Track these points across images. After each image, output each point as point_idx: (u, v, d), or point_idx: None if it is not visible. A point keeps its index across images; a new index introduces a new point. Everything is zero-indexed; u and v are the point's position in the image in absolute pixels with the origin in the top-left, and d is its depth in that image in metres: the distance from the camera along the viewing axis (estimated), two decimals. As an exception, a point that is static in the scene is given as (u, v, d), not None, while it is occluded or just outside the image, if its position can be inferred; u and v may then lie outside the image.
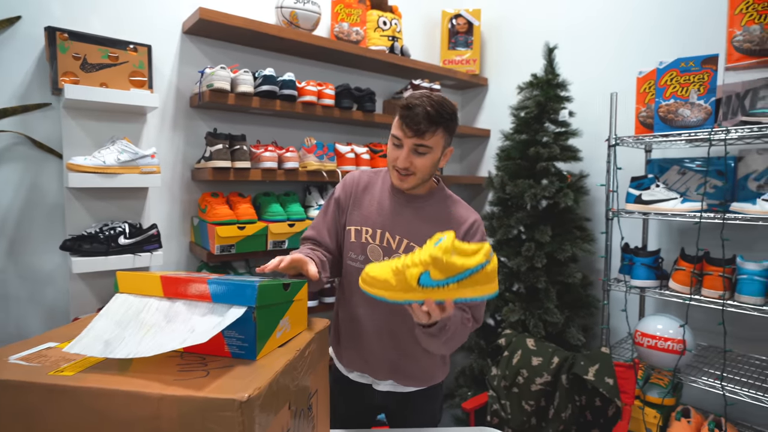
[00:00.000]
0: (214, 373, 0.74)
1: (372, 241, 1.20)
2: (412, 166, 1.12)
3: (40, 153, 1.64)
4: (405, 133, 1.10)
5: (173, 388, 0.67)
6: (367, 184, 1.28)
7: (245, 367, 0.76)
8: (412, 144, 1.10)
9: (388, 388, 1.27)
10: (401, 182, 1.16)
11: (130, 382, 0.69)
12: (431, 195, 1.22)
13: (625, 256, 1.89)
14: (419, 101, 1.08)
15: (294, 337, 0.92)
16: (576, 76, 2.27)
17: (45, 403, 0.68)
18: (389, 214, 1.21)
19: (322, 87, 2.05)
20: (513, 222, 2.16)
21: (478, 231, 1.19)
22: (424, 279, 0.87)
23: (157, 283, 0.85)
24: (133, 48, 1.66)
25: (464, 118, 3.06)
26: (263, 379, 0.71)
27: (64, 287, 1.70)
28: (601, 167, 2.13)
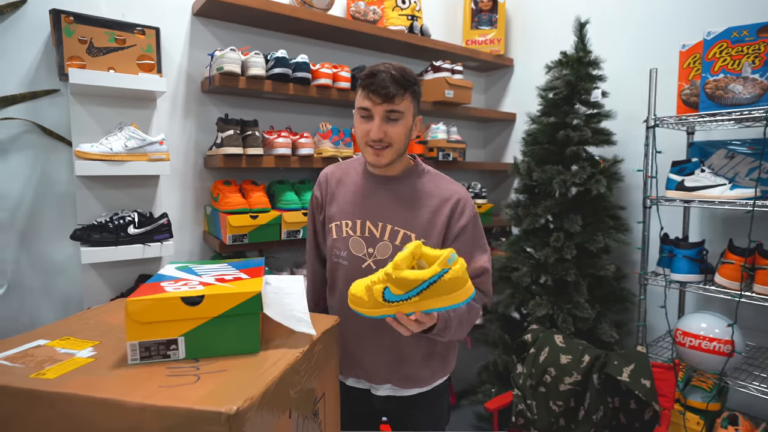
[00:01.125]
0: (206, 379, 0.67)
1: (353, 234, 1.15)
2: (387, 136, 1.07)
3: (50, 141, 1.61)
4: (374, 101, 1.05)
5: (157, 397, 0.60)
6: (340, 177, 1.22)
7: (241, 372, 0.69)
8: (383, 111, 1.05)
9: (388, 392, 1.19)
10: (378, 157, 1.09)
11: (112, 388, 0.62)
12: (408, 173, 1.16)
13: (664, 248, 1.76)
14: (382, 67, 1.05)
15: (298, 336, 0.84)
16: (609, 53, 2.11)
17: (21, 409, 0.62)
18: (365, 200, 1.16)
19: (338, 69, 1.96)
20: (540, 211, 2.05)
21: (466, 208, 1.12)
22: (387, 294, 0.90)
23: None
24: (141, 31, 1.61)
25: (488, 102, 2.92)
26: (257, 387, 0.63)
27: (77, 277, 1.68)
28: (636, 151, 2.00)
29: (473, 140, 2.88)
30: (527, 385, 1.77)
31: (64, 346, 0.78)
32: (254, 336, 0.77)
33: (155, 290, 0.74)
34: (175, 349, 0.72)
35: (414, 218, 1.12)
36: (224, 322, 0.74)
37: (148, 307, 0.70)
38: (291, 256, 2.09)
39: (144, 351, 0.71)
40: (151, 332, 0.71)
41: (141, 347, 0.71)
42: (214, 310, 0.74)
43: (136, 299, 0.70)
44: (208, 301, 0.73)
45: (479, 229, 1.15)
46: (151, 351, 0.71)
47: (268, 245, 1.84)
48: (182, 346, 0.73)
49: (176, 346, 0.72)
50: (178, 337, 0.72)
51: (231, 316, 0.74)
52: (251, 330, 0.76)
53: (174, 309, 0.72)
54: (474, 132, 2.90)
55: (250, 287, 0.78)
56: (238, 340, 0.75)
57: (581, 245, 1.96)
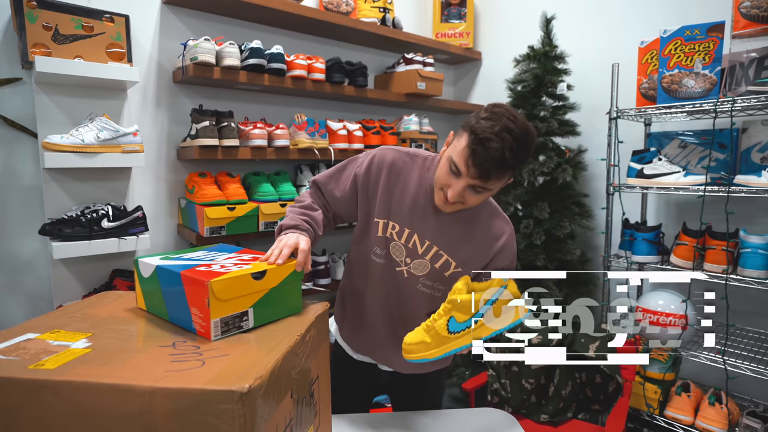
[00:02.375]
0: (211, 363, 0.68)
1: (397, 239, 1.10)
2: (464, 200, 1.00)
3: (12, 132, 1.53)
4: (468, 171, 0.94)
5: (166, 380, 0.62)
6: (400, 170, 1.11)
7: (244, 355, 0.71)
8: (472, 183, 0.96)
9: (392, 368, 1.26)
10: (444, 207, 1.03)
11: (117, 374, 0.63)
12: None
13: (625, 232, 1.87)
14: (498, 137, 0.91)
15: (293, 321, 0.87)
16: (574, 48, 2.21)
17: (25, 399, 0.62)
18: (422, 216, 1.09)
19: (312, 61, 1.96)
20: (511, 199, 2.12)
21: (511, 251, 1.12)
22: (452, 325, 0.93)
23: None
24: (109, 18, 1.55)
25: (457, 94, 2.99)
26: (264, 367, 0.66)
27: (45, 274, 1.62)
28: (599, 142, 2.09)
29: (444, 131, 2.93)
30: (501, 366, 1.86)
31: (56, 338, 0.77)
32: (299, 298, 0.91)
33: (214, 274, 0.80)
34: (247, 319, 0.81)
35: (461, 249, 1.08)
36: (279, 290, 0.87)
37: (228, 285, 0.78)
38: (268, 248, 2.09)
39: (224, 326, 0.78)
40: (230, 307, 0.79)
41: (222, 323, 0.78)
42: (273, 281, 0.86)
43: (218, 280, 0.77)
44: (270, 274, 0.85)
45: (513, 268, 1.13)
46: (229, 325, 0.79)
47: (245, 237, 1.83)
48: (252, 316, 0.82)
49: (247, 317, 0.81)
50: (249, 309, 0.81)
51: (284, 285, 0.88)
52: (297, 294, 0.91)
53: (246, 284, 0.81)
54: (444, 123, 2.95)
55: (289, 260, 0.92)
56: (288, 304, 0.89)
57: (549, 231, 2.05)
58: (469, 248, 1.08)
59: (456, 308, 0.92)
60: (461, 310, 0.92)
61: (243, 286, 0.80)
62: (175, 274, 0.81)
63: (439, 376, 1.30)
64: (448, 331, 0.92)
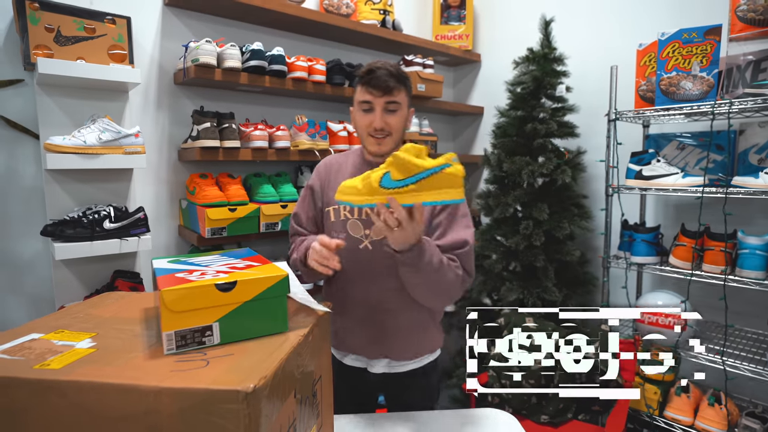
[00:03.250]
0: (215, 363, 0.69)
1: (351, 216, 1.22)
2: (387, 125, 1.18)
3: (14, 133, 1.53)
4: (374, 94, 1.16)
5: (171, 380, 0.62)
6: (339, 165, 1.31)
7: (248, 355, 0.71)
8: (384, 103, 1.16)
9: (383, 369, 1.26)
10: (380, 146, 1.20)
11: (122, 374, 0.63)
12: None
13: (624, 233, 1.88)
14: (379, 64, 1.17)
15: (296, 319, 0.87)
16: (573, 50, 2.21)
17: (31, 399, 0.62)
18: None
19: (313, 62, 1.97)
20: (510, 200, 2.12)
21: None
22: (385, 180, 0.89)
23: None
24: (111, 20, 1.56)
25: (457, 95, 3.00)
26: (268, 367, 0.66)
27: (46, 275, 1.62)
28: (598, 143, 2.10)
29: (443, 133, 2.95)
30: (501, 368, 1.86)
31: (60, 338, 0.77)
32: (283, 316, 0.81)
33: (179, 281, 0.75)
34: (210, 335, 0.75)
35: None
36: (255, 305, 0.78)
37: (183, 296, 0.72)
38: (270, 249, 2.09)
39: (180, 340, 0.72)
40: (186, 320, 0.72)
41: (177, 336, 0.72)
42: (246, 295, 0.77)
43: (171, 289, 0.71)
44: (241, 286, 0.76)
45: (462, 207, 1.19)
46: (187, 339, 0.73)
47: (247, 238, 1.84)
48: (217, 331, 0.75)
49: (211, 332, 0.75)
50: (213, 323, 0.75)
51: (262, 299, 0.78)
52: (280, 310, 0.81)
53: (208, 296, 0.74)
54: (444, 125, 2.96)
55: (275, 271, 0.82)
56: (268, 322, 0.80)
57: (549, 232, 2.05)
58: None
59: (395, 164, 0.88)
60: (399, 168, 0.88)
61: (205, 297, 0.73)
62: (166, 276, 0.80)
63: (432, 373, 1.31)
64: (380, 185, 0.90)
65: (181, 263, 0.91)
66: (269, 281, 0.79)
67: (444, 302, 1.19)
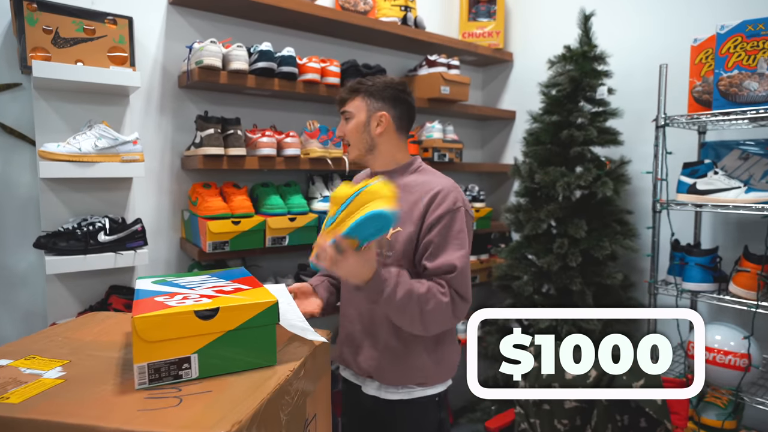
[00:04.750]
0: (189, 401, 0.66)
1: None
2: (343, 133, 1.32)
3: (11, 139, 1.58)
4: (337, 107, 1.34)
5: (135, 422, 0.60)
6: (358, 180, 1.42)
7: (226, 392, 0.69)
8: (341, 114, 1.32)
9: (374, 392, 1.29)
10: (348, 154, 1.40)
11: (83, 413, 0.62)
12: (401, 170, 1.31)
13: (675, 255, 1.79)
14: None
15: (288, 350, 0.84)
16: (616, 47, 2.14)
17: (-16, 436, 0.61)
18: None
19: (326, 64, 1.96)
20: (543, 215, 2.06)
21: (446, 200, 1.19)
22: (328, 222, 1.02)
23: None
24: (112, 20, 1.59)
25: (486, 99, 2.95)
26: (245, 410, 0.63)
27: (40, 289, 1.65)
28: (644, 152, 2.02)
29: (470, 140, 2.90)
30: (530, 403, 1.77)
31: (29, 366, 0.77)
32: (271, 348, 0.78)
33: (156, 306, 0.73)
34: (188, 368, 0.72)
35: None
36: (240, 335, 0.75)
37: (157, 324, 0.69)
38: (276, 265, 2.08)
39: (153, 373, 0.70)
40: (161, 351, 0.70)
41: (150, 369, 0.69)
42: (230, 323, 0.74)
43: (144, 316, 0.69)
44: (224, 313, 0.73)
45: (458, 224, 1.18)
46: (161, 372, 0.70)
47: (251, 253, 1.82)
48: (195, 364, 0.72)
49: (189, 365, 0.72)
50: (191, 355, 0.72)
51: (247, 328, 0.75)
52: (268, 342, 0.78)
53: (186, 324, 0.71)
54: (471, 131, 2.91)
55: (264, 297, 0.79)
56: (254, 354, 0.77)
57: (586, 252, 1.97)
58: (403, 206, 1.21)
59: (331, 202, 1.02)
60: (332, 204, 1.01)
61: (182, 325, 0.71)
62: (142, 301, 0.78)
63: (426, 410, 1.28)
64: (325, 227, 1.03)
65: (165, 284, 0.89)
66: (255, 308, 0.77)
67: (427, 331, 1.17)
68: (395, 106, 1.29)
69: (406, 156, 1.32)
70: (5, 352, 0.83)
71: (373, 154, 1.31)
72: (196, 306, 0.73)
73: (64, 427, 0.59)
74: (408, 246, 1.20)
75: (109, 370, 0.76)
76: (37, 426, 0.59)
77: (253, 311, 0.76)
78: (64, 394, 0.67)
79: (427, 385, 1.27)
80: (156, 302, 0.76)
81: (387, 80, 1.30)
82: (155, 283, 0.90)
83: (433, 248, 1.17)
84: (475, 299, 2.84)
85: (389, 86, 1.29)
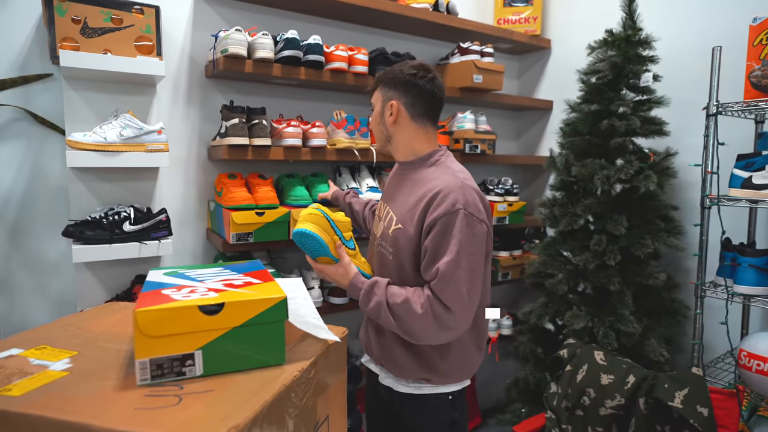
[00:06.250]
0: (189, 400, 0.63)
1: (378, 213, 1.38)
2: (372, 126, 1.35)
3: (42, 129, 1.61)
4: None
5: (130, 422, 0.57)
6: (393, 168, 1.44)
7: (229, 392, 0.65)
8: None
9: (388, 382, 1.29)
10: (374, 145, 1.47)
11: (81, 410, 0.59)
12: (420, 161, 1.27)
13: (726, 255, 1.67)
14: None
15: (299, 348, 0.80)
16: (663, 30, 2.01)
17: (-18, 428, 0.59)
18: (388, 186, 1.38)
19: (354, 52, 1.92)
20: (580, 210, 1.96)
21: (444, 201, 1.13)
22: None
23: None
24: (139, 9, 1.59)
25: (522, 88, 2.83)
26: (245, 412, 0.59)
27: (70, 277, 1.69)
28: (693, 144, 1.91)
29: (504, 131, 2.80)
30: (562, 408, 1.69)
31: (39, 356, 0.76)
32: (279, 346, 0.75)
33: (160, 299, 0.71)
34: (192, 364, 0.69)
35: (402, 204, 1.24)
36: (246, 332, 0.72)
37: (160, 318, 0.67)
38: (300, 257, 2.06)
39: (156, 369, 0.68)
40: (164, 347, 0.68)
41: (152, 365, 0.67)
42: (236, 319, 0.71)
43: (146, 309, 0.66)
44: (229, 309, 0.71)
45: (453, 228, 1.11)
46: (164, 369, 0.68)
47: (276, 245, 1.81)
48: (199, 360, 0.70)
49: (192, 362, 0.69)
50: (195, 351, 0.69)
51: (254, 324, 0.72)
52: (276, 339, 0.75)
53: (190, 319, 0.69)
54: (505, 122, 2.81)
55: (272, 292, 0.76)
56: (261, 351, 0.74)
57: (626, 250, 1.88)
58: (408, 203, 1.22)
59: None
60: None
61: (186, 320, 0.68)
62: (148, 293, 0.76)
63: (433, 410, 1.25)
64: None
65: (176, 276, 0.87)
66: (263, 304, 0.73)
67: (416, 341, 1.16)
68: (406, 92, 1.24)
69: (426, 146, 1.27)
70: (18, 341, 0.83)
71: (391, 144, 1.30)
72: (201, 300, 0.70)
73: (56, 423, 0.57)
74: (410, 245, 1.17)
75: (115, 364, 0.74)
76: (31, 421, 0.57)
77: (260, 307, 0.72)
78: (65, 387, 0.65)
79: (437, 383, 1.23)
80: (162, 295, 0.73)
81: (401, 66, 1.26)
82: (167, 275, 0.88)
83: (428, 255, 1.14)
84: (506, 297, 2.78)
85: (401, 72, 1.24)
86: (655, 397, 1.50)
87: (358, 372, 1.94)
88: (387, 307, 1.14)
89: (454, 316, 1.10)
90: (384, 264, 1.26)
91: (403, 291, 1.14)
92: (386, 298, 1.14)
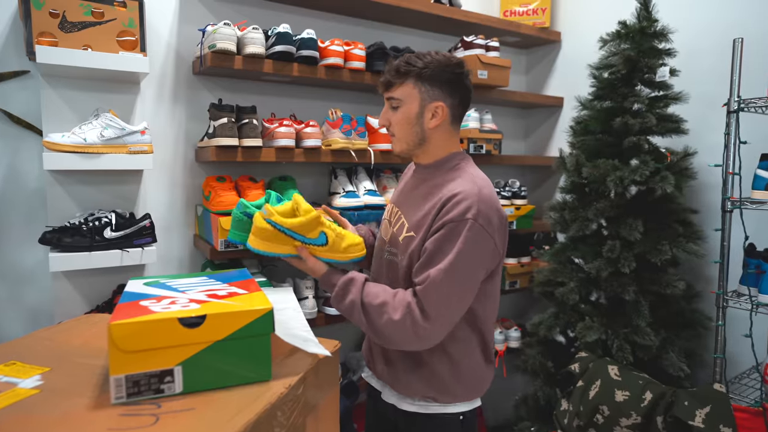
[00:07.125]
0: (166, 419, 0.62)
1: (387, 216, 1.35)
2: (390, 124, 1.23)
3: (19, 129, 1.62)
4: (380, 89, 1.25)
5: (102, 444, 0.56)
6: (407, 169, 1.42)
7: (210, 411, 0.65)
8: (386, 99, 1.23)
9: (392, 400, 1.28)
10: (392, 146, 1.28)
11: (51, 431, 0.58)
12: (438, 165, 1.25)
13: (750, 262, 1.68)
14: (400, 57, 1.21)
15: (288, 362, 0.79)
16: (681, 22, 2.02)
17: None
18: (403, 189, 1.36)
19: (350, 47, 1.93)
20: (591, 214, 1.97)
21: (457, 207, 1.12)
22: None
23: None
24: (122, 2, 1.60)
25: (530, 84, 2.84)
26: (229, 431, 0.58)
27: (47, 286, 1.68)
28: (713, 142, 1.91)
29: (511, 130, 2.81)
30: (574, 426, 1.69)
31: (7, 373, 0.76)
32: (265, 361, 0.75)
33: (137, 311, 0.71)
34: (171, 381, 0.69)
35: (416, 210, 1.22)
36: (230, 346, 0.72)
37: (137, 332, 0.66)
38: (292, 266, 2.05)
39: (132, 386, 0.67)
40: (141, 363, 0.67)
41: (128, 382, 0.66)
42: (219, 333, 0.71)
43: (121, 323, 0.66)
44: (211, 321, 0.70)
45: (458, 237, 1.10)
46: (141, 386, 0.67)
47: (267, 252, 1.80)
48: (179, 377, 0.69)
49: (172, 378, 0.69)
50: (175, 367, 0.69)
51: (238, 338, 0.72)
52: (262, 354, 0.74)
53: (169, 333, 0.68)
54: (512, 120, 2.82)
55: (258, 303, 0.75)
56: (246, 367, 0.73)
57: (642, 256, 1.88)
58: (421, 210, 1.20)
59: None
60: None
61: (164, 334, 0.67)
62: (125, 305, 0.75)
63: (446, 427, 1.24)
64: None
65: (157, 286, 0.86)
66: (247, 316, 0.72)
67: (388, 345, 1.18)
68: (453, 93, 1.19)
69: (452, 148, 1.25)
70: (-11, 356, 0.82)
71: (422, 147, 1.23)
72: (182, 312, 0.70)
73: (23, 446, 0.56)
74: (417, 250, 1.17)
75: (89, 381, 0.73)
76: (-3, 443, 0.57)
77: (244, 319, 0.72)
78: (34, 407, 0.65)
79: (446, 402, 1.22)
80: (139, 307, 0.73)
81: (442, 60, 1.18)
82: (147, 285, 0.87)
83: (425, 257, 1.13)
84: (514, 307, 2.77)
85: (446, 68, 1.17)
86: (675, 415, 1.50)
87: (355, 387, 1.93)
88: (361, 307, 1.13)
89: (432, 325, 1.09)
90: (393, 271, 1.25)
91: (382, 292, 1.14)
92: (361, 297, 1.14)
